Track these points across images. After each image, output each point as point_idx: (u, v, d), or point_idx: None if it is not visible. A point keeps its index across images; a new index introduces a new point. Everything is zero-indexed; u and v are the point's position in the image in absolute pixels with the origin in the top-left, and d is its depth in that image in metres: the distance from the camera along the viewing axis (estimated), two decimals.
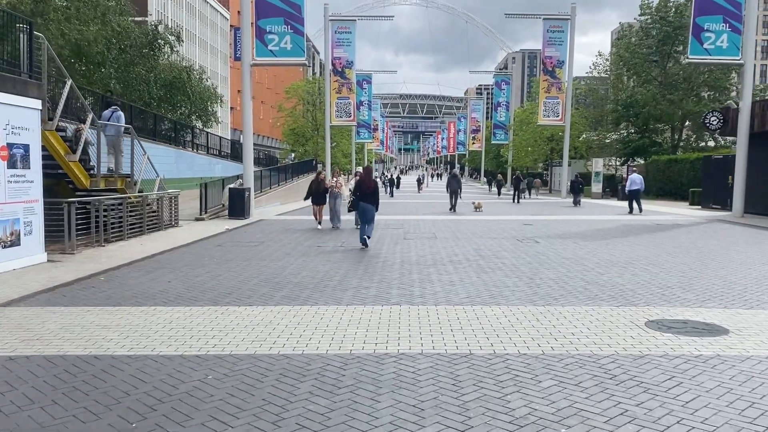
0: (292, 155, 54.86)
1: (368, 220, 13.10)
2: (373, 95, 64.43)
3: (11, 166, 9.83)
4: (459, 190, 25.55)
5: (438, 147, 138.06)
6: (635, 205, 24.05)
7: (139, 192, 15.73)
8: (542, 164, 56.92)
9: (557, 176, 47.05)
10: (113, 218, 13.77)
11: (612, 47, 64.70)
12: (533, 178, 44.24)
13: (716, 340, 6.07)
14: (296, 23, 21.44)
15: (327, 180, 18.08)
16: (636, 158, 43.77)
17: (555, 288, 8.63)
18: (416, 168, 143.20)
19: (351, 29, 38.41)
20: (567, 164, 40.32)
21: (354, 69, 39.56)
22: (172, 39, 35.08)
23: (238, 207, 19.74)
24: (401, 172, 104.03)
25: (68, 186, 13.69)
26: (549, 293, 8.28)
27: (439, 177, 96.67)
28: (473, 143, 78.53)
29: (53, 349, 5.73)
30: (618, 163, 48.46)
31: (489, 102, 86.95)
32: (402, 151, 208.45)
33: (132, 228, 14.59)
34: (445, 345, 5.83)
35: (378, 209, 13.38)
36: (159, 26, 35.28)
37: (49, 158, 12.74)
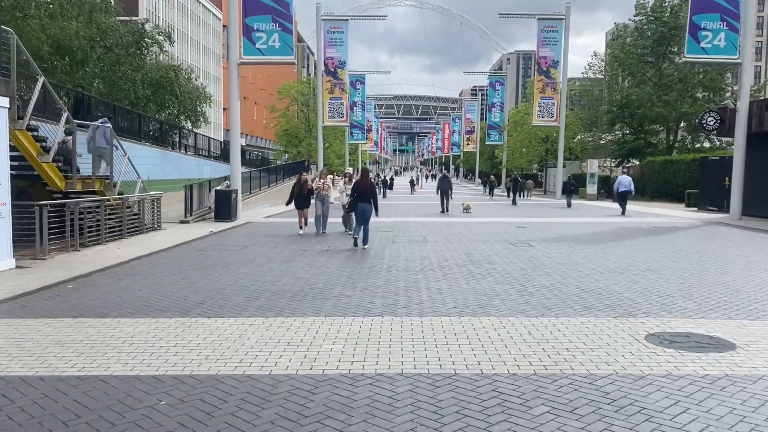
0: (286, 156, 54.33)
1: (364, 221, 13.31)
2: (368, 96, 64.08)
3: None
4: (450, 191, 25.10)
5: (433, 148, 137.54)
6: (628, 207, 23.69)
7: (119, 194, 15.20)
8: (537, 165, 56.47)
9: (552, 177, 46.63)
10: (90, 221, 13.24)
11: (607, 48, 64.30)
12: (525, 180, 43.76)
13: (723, 357, 5.58)
14: (285, 21, 20.95)
15: (311, 182, 17.29)
16: (631, 159, 43.38)
17: (548, 297, 8.13)
18: (411, 169, 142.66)
19: (343, 29, 38.08)
20: (562, 165, 39.89)
21: (347, 69, 39.25)
22: (161, 38, 34.49)
23: (225, 209, 19.20)
24: (396, 173, 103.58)
25: (44, 188, 13.15)
26: (542, 302, 7.78)
27: (434, 178, 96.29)
28: (468, 144, 78.20)
29: None
30: (613, 165, 48.07)
31: (484, 103, 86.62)
32: (397, 152, 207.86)
33: (111, 231, 14.07)
34: (428, 363, 5.32)
35: (377, 211, 13.56)
36: (146, 24, 34.65)
37: (21, 159, 12.23)
